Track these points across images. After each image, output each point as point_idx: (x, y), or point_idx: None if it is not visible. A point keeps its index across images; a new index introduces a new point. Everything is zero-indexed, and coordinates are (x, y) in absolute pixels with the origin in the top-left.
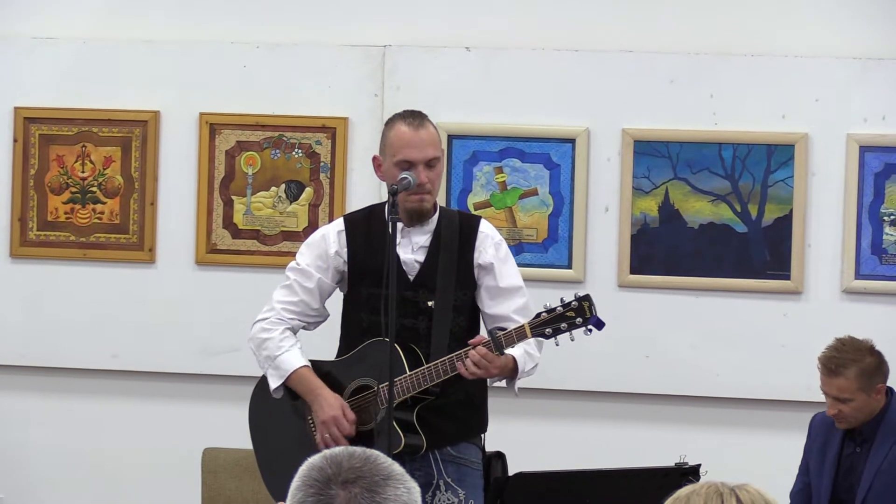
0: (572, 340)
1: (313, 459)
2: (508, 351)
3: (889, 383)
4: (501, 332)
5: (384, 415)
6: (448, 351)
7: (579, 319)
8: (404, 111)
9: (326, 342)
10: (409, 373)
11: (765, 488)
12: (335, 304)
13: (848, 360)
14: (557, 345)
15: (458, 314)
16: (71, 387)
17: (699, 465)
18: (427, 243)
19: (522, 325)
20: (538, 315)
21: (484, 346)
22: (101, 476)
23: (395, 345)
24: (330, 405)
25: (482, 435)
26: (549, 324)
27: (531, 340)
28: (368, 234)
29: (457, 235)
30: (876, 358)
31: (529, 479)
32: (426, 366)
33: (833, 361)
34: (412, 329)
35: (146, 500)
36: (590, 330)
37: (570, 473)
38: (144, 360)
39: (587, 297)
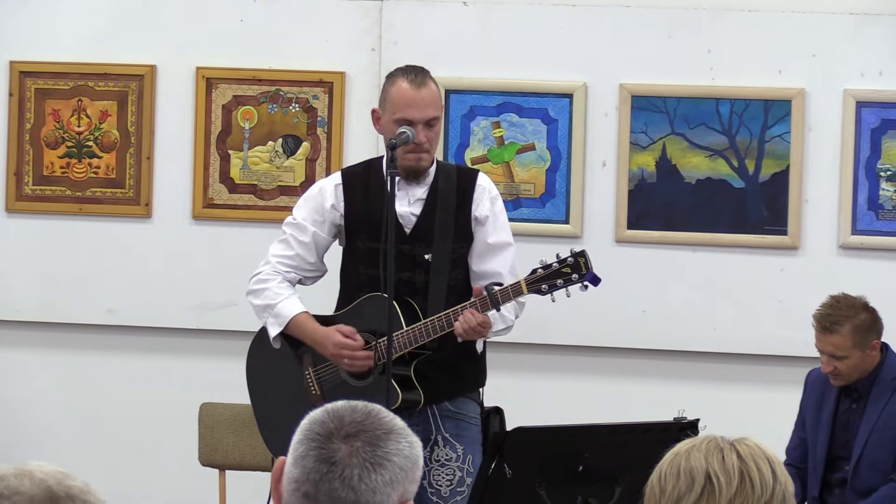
0: (568, 297)
1: (315, 413)
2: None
3: (884, 339)
4: (498, 289)
5: (381, 370)
6: (446, 304)
7: (575, 275)
8: (406, 66)
9: (326, 297)
10: (405, 328)
11: (763, 442)
12: (334, 258)
13: (842, 317)
14: (554, 300)
15: (456, 267)
16: (67, 342)
17: (698, 420)
18: (424, 196)
19: (519, 282)
20: (534, 271)
21: (480, 302)
22: (98, 431)
23: (393, 300)
24: (327, 337)
25: (480, 389)
26: (545, 280)
27: (510, 303)
28: (366, 187)
29: (454, 188)
30: (870, 314)
31: (528, 434)
32: (423, 321)
33: (827, 319)
34: (409, 283)
35: (143, 455)
36: (586, 286)
37: (569, 428)
38: (141, 315)
39: (583, 253)
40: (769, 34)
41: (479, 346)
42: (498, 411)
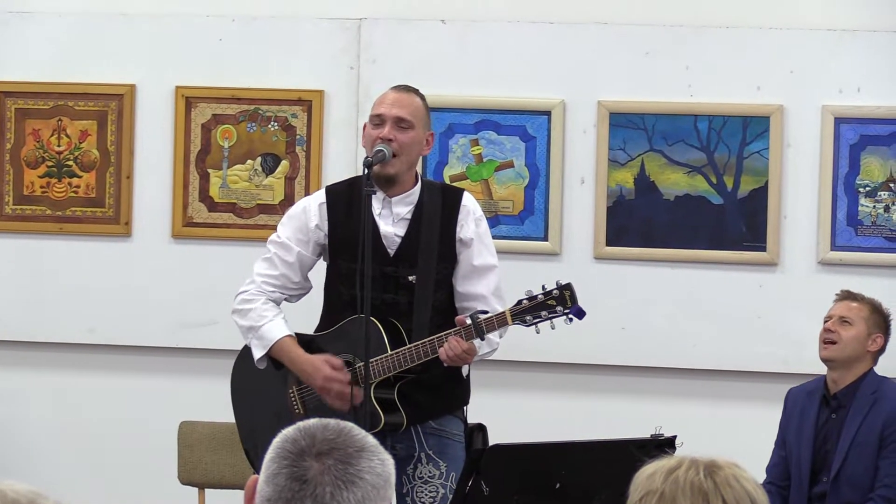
0: (553, 329)
1: (287, 431)
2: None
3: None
4: (483, 318)
5: (363, 394)
6: (430, 325)
7: (560, 308)
8: (401, 84)
9: (310, 314)
10: (389, 352)
11: (739, 460)
12: (318, 275)
13: (868, 299)
14: (538, 332)
15: (439, 288)
16: (48, 361)
17: (675, 437)
18: (408, 215)
19: (503, 313)
20: (519, 302)
21: (465, 331)
22: (78, 450)
23: (377, 322)
24: (316, 368)
25: (464, 407)
26: (530, 311)
27: None
28: (349, 206)
29: (439, 208)
30: (887, 319)
31: (505, 451)
32: (407, 346)
33: (855, 293)
34: (393, 304)
35: (123, 474)
36: (570, 319)
37: (546, 445)
38: (121, 333)
39: (569, 286)
40: (747, 51)
41: (465, 371)
42: (481, 428)
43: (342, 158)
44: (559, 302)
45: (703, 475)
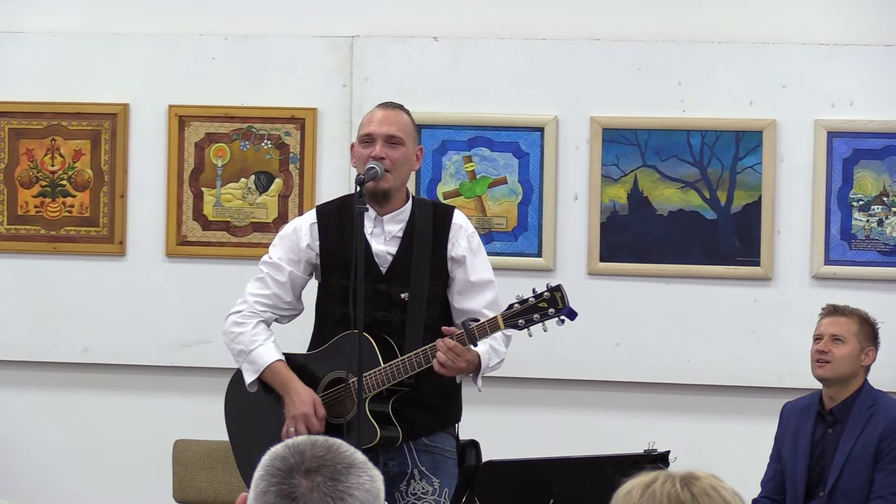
0: (545, 331)
1: (276, 449)
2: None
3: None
4: (474, 324)
5: (357, 409)
6: (422, 342)
7: (552, 310)
8: (387, 101)
9: (302, 333)
10: (382, 365)
11: (733, 474)
12: (311, 293)
13: (855, 312)
14: (531, 335)
15: (432, 305)
16: (42, 380)
17: (668, 452)
18: (400, 234)
19: (495, 317)
20: (511, 306)
21: (457, 338)
22: (73, 468)
23: (369, 337)
24: (302, 401)
25: (456, 424)
26: (522, 315)
27: (498, 336)
28: (340, 225)
29: (430, 226)
30: (875, 329)
31: (499, 467)
32: (399, 358)
33: (841, 306)
34: (385, 321)
35: (117, 493)
36: (562, 320)
37: (539, 461)
38: (115, 353)
39: (559, 288)
40: (740, 65)
41: (479, 384)
42: (474, 444)
43: (336, 176)
44: (550, 303)
45: (680, 487)
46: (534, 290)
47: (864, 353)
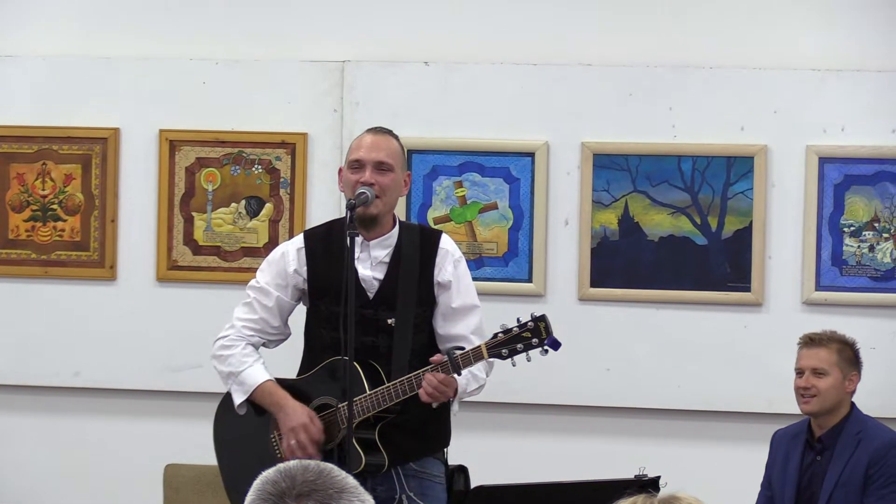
0: (528, 361)
1: (267, 473)
2: None
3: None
4: (459, 353)
5: (344, 434)
6: (409, 367)
7: (535, 340)
8: (375, 126)
9: (289, 359)
10: (368, 392)
11: (724, 500)
12: (298, 320)
13: (832, 339)
14: (514, 365)
15: (419, 331)
16: (33, 405)
17: (658, 478)
18: (387, 259)
19: (479, 346)
20: (495, 335)
21: (441, 367)
22: (64, 493)
23: (356, 363)
24: (297, 413)
25: (445, 449)
26: (506, 344)
27: (481, 361)
28: (328, 250)
29: (417, 251)
30: (855, 352)
31: (489, 493)
32: (386, 385)
33: (817, 336)
34: (372, 347)
35: None
36: (546, 350)
37: (530, 486)
38: (106, 377)
39: (543, 318)
40: (731, 91)
41: (455, 409)
42: (463, 470)
43: (326, 201)
44: (534, 333)
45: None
46: (518, 320)
47: (847, 380)
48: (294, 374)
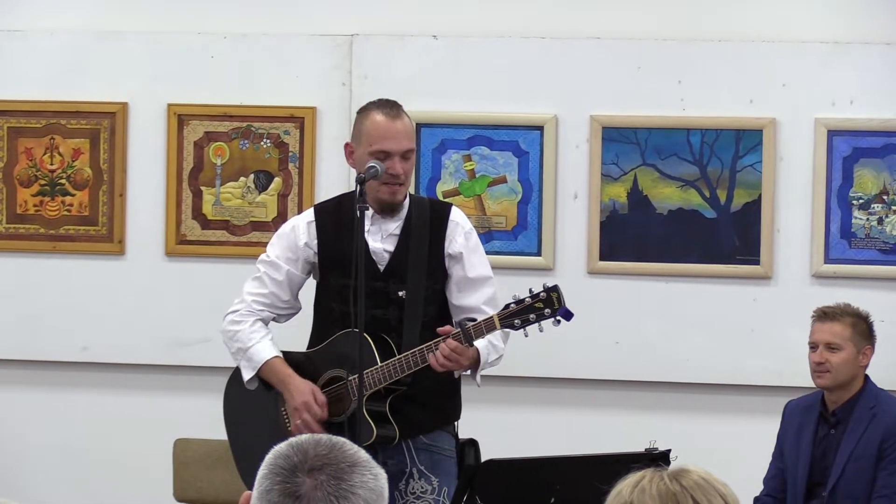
0: (541, 331)
1: (279, 447)
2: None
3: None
4: (471, 324)
5: (355, 406)
6: (420, 341)
7: (548, 310)
8: (380, 100)
9: (300, 332)
10: (380, 364)
11: (734, 473)
12: (308, 293)
13: (846, 312)
14: (527, 336)
15: (430, 303)
16: (41, 379)
17: (669, 451)
18: (397, 231)
19: (491, 317)
20: (507, 306)
21: (453, 338)
22: (73, 468)
23: (367, 336)
24: (300, 391)
25: (455, 423)
26: (518, 315)
27: (497, 331)
28: (338, 223)
29: (427, 224)
30: (868, 325)
31: (499, 466)
32: (397, 357)
33: (830, 309)
34: (382, 319)
35: (118, 492)
36: (558, 321)
37: (540, 460)
38: (115, 352)
39: (556, 288)
40: (739, 64)
41: (478, 380)
42: (473, 443)
43: (335, 175)
44: (546, 304)
45: (669, 480)
46: (530, 290)
47: (861, 354)
48: (304, 347)
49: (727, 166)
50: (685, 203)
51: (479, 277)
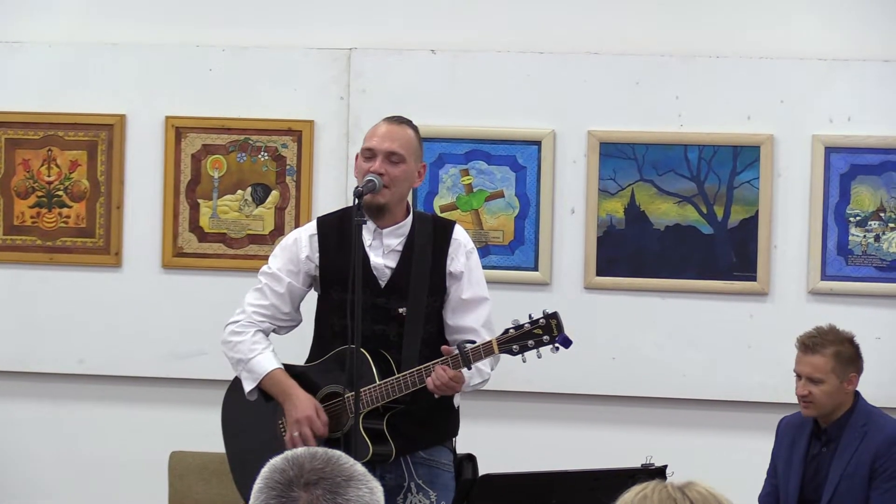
0: (539, 357)
1: (275, 461)
2: None
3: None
4: (470, 347)
5: (352, 423)
6: (419, 358)
7: (546, 337)
8: (394, 115)
9: (300, 345)
10: (377, 382)
11: (730, 489)
12: (309, 306)
13: (827, 341)
14: (524, 361)
15: (430, 321)
16: (38, 391)
17: (665, 466)
18: (400, 248)
19: (490, 341)
20: (506, 331)
21: (451, 360)
22: (68, 480)
23: (365, 352)
24: (303, 405)
25: (453, 438)
26: (517, 340)
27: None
28: (340, 237)
29: (430, 241)
30: (854, 348)
31: (496, 481)
32: (395, 377)
33: (812, 340)
34: (382, 336)
35: None
36: (557, 348)
37: (537, 475)
38: (111, 364)
39: (555, 315)
40: (737, 80)
41: (457, 401)
42: (471, 458)
43: (332, 188)
44: (545, 331)
45: (673, 490)
46: (530, 316)
47: (845, 382)
48: (303, 361)
49: (724, 182)
50: (682, 219)
51: (475, 298)
